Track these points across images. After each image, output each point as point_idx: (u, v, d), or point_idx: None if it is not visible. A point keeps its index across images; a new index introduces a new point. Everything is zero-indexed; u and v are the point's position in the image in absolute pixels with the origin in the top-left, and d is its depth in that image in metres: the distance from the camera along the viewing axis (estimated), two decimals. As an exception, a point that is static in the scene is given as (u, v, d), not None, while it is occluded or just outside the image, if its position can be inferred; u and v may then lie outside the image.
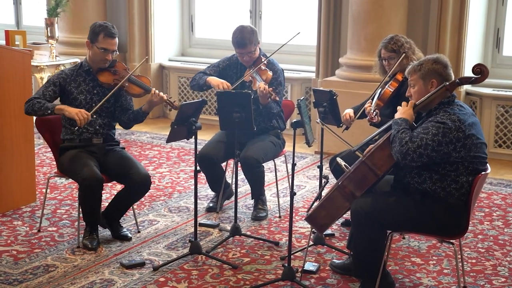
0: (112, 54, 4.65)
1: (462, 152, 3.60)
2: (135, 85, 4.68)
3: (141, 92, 4.69)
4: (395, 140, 3.61)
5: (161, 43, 8.31)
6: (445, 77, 3.72)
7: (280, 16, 7.99)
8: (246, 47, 5.03)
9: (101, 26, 4.65)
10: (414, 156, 3.55)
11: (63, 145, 4.66)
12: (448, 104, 3.70)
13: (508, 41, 6.93)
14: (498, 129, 6.70)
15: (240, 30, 5.08)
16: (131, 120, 4.73)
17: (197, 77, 5.20)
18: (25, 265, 4.28)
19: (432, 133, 3.56)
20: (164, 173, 6.18)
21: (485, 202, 5.54)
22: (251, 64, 5.10)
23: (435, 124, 3.59)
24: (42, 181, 5.80)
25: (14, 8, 9.38)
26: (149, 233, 4.82)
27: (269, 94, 4.83)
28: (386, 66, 4.72)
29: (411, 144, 3.54)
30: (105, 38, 4.61)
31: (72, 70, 4.71)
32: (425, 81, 3.73)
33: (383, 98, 4.61)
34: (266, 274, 4.23)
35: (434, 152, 3.56)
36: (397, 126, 3.68)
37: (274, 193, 5.51)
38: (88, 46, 4.68)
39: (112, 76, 4.67)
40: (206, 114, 7.91)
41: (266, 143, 5.06)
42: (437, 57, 3.78)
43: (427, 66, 3.73)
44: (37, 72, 6.94)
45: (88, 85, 4.66)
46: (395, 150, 3.59)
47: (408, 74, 3.83)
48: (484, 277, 4.23)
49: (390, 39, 4.68)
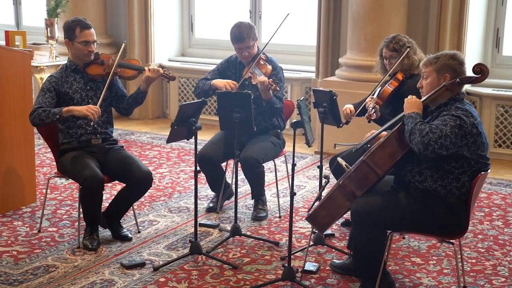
0: (93, 44, 4.65)
1: (472, 148, 3.61)
2: (127, 68, 4.70)
3: (135, 73, 4.72)
4: (414, 132, 3.59)
5: (161, 43, 8.31)
6: (459, 74, 3.73)
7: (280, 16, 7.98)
8: (244, 41, 5.04)
9: (74, 21, 4.65)
10: (435, 147, 3.53)
11: (63, 147, 4.66)
12: (459, 100, 3.72)
13: (507, 41, 6.94)
14: (498, 129, 6.70)
15: (237, 25, 5.10)
16: (131, 104, 4.74)
17: (201, 84, 5.19)
18: (26, 266, 4.29)
19: (450, 125, 3.56)
20: (164, 174, 6.18)
21: (485, 202, 5.54)
22: (249, 61, 5.10)
23: (451, 117, 3.59)
24: (42, 181, 5.80)
25: (14, 8, 9.39)
26: (149, 234, 4.82)
27: (270, 85, 4.83)
28: (387, 65, 4.72)
29: (432, 134, 3.53)
30: (82, 31, 4.60)
31: (60, 72, 4.70)
32: (438, 74, 3.74)
33: (382, 96, 4.61)
34: (266, 274, 4.23)
35: (451, 144, 3.56)
36: (412, 119, 3.66)
37: (274, 193, 5.51)
38: (68, 45, 4.68)
39: (101, 67, 4.67)
40: (206, 114, 7.91)
41: (266, 143, 5.06)
42: (455, 53, 3.80)
43: (443, 60, 3.74)
44: (37, 73, 6.94)
45: (80, 82, 4.66)
46: (416, 141, 3.56)
47: (424, 65, 3.83)
48: (484, 277, 4.23)
49: (392, 39, 4.69)
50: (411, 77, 4.66)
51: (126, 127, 7.76)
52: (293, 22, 7.89)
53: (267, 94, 4.91)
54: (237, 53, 5.16)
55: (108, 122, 4.75)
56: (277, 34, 5.16)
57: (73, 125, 4.61)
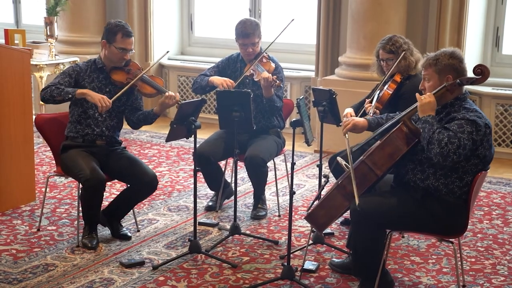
0: (129, 53, 4.64)
1: (486, 148, 3.62)
2: (148, 85, 4.67)
3: (154, 92, 4.68)
4: (432, 142, 3.54)
5: (160, 42, 8.31)
6: (461, 72, 3.71)
7: (280, 15, 7.99)
8: (250, 37, 5.03)
9: (118, 26, 4.62)
10: (454, 157, 3.51)
11: (66, 142, 4.65)
12: (464, 100, 3.71)
13: (507, 40, 6.94)
14: (497, 127, 6.71)
15: (244, 21, 5.10)
16: (141, 120, 4.72)
17: (199, 79, 5.19)
18: (25, 264, 4.29)
19: (467, 131, 3.54)
20: (163, 172, 6.18)
21: (484, 201, 5.54)
22: (252, 58, 5.10)
23: (467, 121, 3.57)
24: (42, 180, 5.80)
25: (14, 7, 9.38)
26: (148, 232, 4.82)
27: (273, 82, 4.83)
28: (384, 67, 4.71)
29: (451, 145, 3.49)
30: (124, 38, 4.59)
31: (86, 65, 4.69)
32: (440, 76, 3.71)
33: (382, 100, 4.60)
34: (265, 273, 4.23)
35: (469, 151, 3.56)
36: (429, 125, 3.60)
37: (274, 192, 5.51)
38: (104, 46, 4.64)
39: (126, 75, 4.66)
40: (205, 113, 7.91)
41: (270, 143, 5.06)
42: (453, 52, 3.75)
43: (443, 61, 3.71)
44: (37, 71, 6.94)
45: (101, 82, 4.64)
46: (435, 152, 3.53)
47: (423, 67, 3.80)
48: (483, 276, 4.23)
49: (389, 40, 4.66)
50: (408, 78, 4.66)
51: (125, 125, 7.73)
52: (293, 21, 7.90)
53: (269, 91, 4.91)
54: (240, 50, 5.15)
55: (118, 128, 4.74)
56: (276, 33, 5.16)
57: (83, 121, 4.60)
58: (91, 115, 4.59)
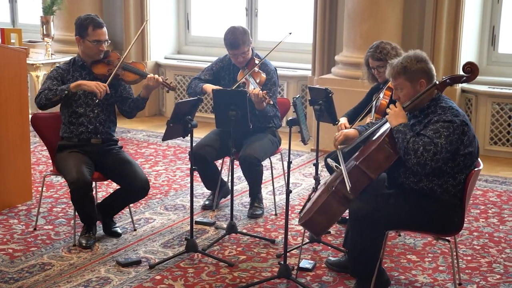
0: (104, 44, 4.64)
1: (466, 144, 3.61)
2: (130, 72, 4.66)
3: (137, 78, 4.68)
4: (408, 152, 3.54)
5: (157, 41, 8.30)
6: (431, 74, 3.68)
7: (276, 14, 7.99)
8: (239, 48, 5.02)
9: (87, 19, 4.61)
10: (432, 164, 3.52)
11: (61, 142, 4.65)
12: (439, 99, 3.69)
13: (503, 38, 6.94)
14: (493, 126, 6.72)
15: (232, 31, 5.06)
16: (132, 108, 4.72)
17: (193, 84, 5.18)
18: (21, 264, 4.28)
19: (444, 135, 3.53)
20: (160, 171, 6.18)
21: (480, 199, 5.55)
22: (244, 66, 5.09)
23: (443, 124, 3.55)
24: (38, 179, 5.79)
25: (10, 6, 9.37)
26: (145, 231, 4.82)
27: (263, 99, 4.81)
28: (377, 74, 4.73)
29: (426, 154, 3.50)
30: (95, 30, 4.58)
31: (67, 65, 4.69)
32: (412, 83, 3.67)
33: (380, 110, 4.60)
34: (262, 271, 4.23)
35: (448, 153, 3.55)
36: (402, 135, 3.60)
37: (270, 191, 5.52)
38: (79, 42, 4.65)
39: (107, 67, 4.65)
40: (202, 112, 7.91)
41: (265, 142, 5.06)
42: (417, 54, 3.70)
43: (412, 67, 3.65)
44: (33, 70, 6.94)
45: (85, 78, 4.63)
46: (413, 163, 3.54)
47: (391, 77, 3.74)
48: (479, 274, 4.24)
49: (376, 48, 4.67)
50: None
51: (122, 124, 7.74)
52: (289, 20, 7.91)
53: (261, 105, 4.89)
54: (231, 58, 5.14)
55: (111, 121, 4.72)
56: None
57: (75, 121, 4.60)
58: (82, 113, 4.59)
